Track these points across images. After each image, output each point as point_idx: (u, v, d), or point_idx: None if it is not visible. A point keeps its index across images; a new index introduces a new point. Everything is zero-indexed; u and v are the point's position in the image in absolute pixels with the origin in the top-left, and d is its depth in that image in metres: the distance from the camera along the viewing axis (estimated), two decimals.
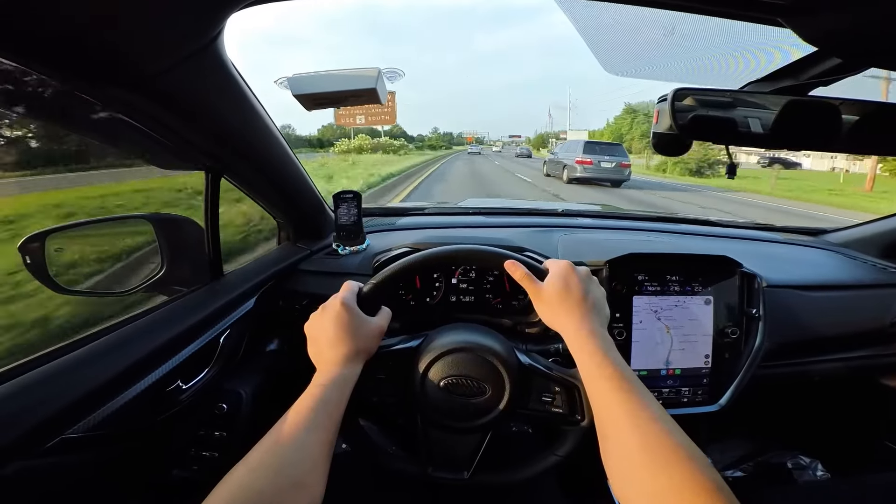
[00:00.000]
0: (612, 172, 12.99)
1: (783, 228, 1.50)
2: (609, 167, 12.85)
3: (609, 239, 1.20)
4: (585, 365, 0.56)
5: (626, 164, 13.17)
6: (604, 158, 12.78)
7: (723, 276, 0.95)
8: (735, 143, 0.74)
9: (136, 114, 0.59)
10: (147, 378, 0.63)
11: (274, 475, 0.45)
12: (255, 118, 0.74)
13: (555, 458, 0.68)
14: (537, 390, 0.66)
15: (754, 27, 0.57)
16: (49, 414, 0.51)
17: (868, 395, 1.30)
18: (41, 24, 0.41)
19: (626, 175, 13.27)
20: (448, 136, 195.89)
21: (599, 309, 0.62)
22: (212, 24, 0.50)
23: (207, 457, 0.79)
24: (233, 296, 0.83)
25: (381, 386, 0.67)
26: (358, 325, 0.61)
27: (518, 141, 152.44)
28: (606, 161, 12.78)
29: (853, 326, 1.08)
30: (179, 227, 0.86)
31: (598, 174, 12.90)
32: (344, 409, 0.55)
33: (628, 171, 13.32)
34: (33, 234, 0.69)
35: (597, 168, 12.78)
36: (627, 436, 0.48)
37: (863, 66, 0.60)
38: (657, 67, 0.74)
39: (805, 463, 1.34)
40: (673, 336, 0.93)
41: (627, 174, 13.33)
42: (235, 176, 0.85)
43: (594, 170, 12.78)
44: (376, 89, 0.67)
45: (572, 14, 0.58)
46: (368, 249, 1.09)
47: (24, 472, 0.48)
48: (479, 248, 0.67)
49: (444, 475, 0.69)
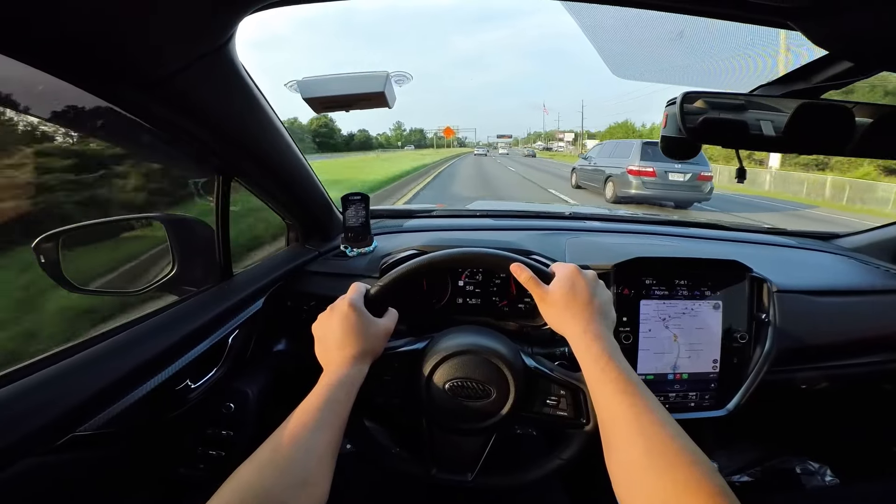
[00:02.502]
0: (686, 189, 8.34)
1: (795, 233, 1.48)
2: (681, 181, 8.22)
3: (617, 242, 1.19)
4: (590, 368, 0.56)
5: (706, 176, 8.34)
6: (673, 167, 8.10)
7: (732, 280, 0.95)
8: (744, 147, 0.74)
9: (148, 116, 0.60)
10: (157, 377, 0.64)
11: (280, 474, 0.46)
12: (265, 121, 0.75)
13: (559, 461, 0.68)
14: (542, 393, 0.66)
15: (764, 30, 0.57)
16: (62, 411, 0.52)
17: (878, 401, 1.28)
18: (53, 26, 0.42)
19: (707, 193, 8.49)
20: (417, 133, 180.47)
21: (605, 313, 0.62)
22: (224, 28, 0.51)
23: (214, 455, 0.80)
24: (242, 296, 0.84)
25: (387, 387, 0.67)
26: (365, 326, 0.61)
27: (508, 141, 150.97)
28: (677, 172, 8.12)
29: (865, 332, 1.06)
30: (190, 228, 0.87)
31: (665, 191, 8.32)
32: (350, 410, 0.56)
33: (710, 188, 8.49)
34: (47, 234, 0.71)
35: (663, 182, 8.22)
36: (631, 440, 0.48)
37: (874, 69, 0.59)
38: (666, 71, 0.74)
39: (813, 469, 1.32)
40: (681, 341, 0.93)
41: (709, 192, 8.50)
42: (246, 178, 0.86)
43: (659, 185, 8.23)
44: (384, 93, 0.67)
45: (580, 19, 0.58)
46: (376, 251, 1.10)
47: (37, 468, 0.49)
48: (485, 251, 0.68)
49: (448, 477, 0.69)
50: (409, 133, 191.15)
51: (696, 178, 8.21)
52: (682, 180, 8.20)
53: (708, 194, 8.49)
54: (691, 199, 8.62)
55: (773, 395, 1.03)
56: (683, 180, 8.20)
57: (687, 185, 8.27)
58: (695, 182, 8.25)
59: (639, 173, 8.26)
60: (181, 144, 0.69)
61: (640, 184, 8.25)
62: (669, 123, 0.73)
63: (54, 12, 0.40)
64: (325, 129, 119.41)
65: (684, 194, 8.39)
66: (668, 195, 8.36)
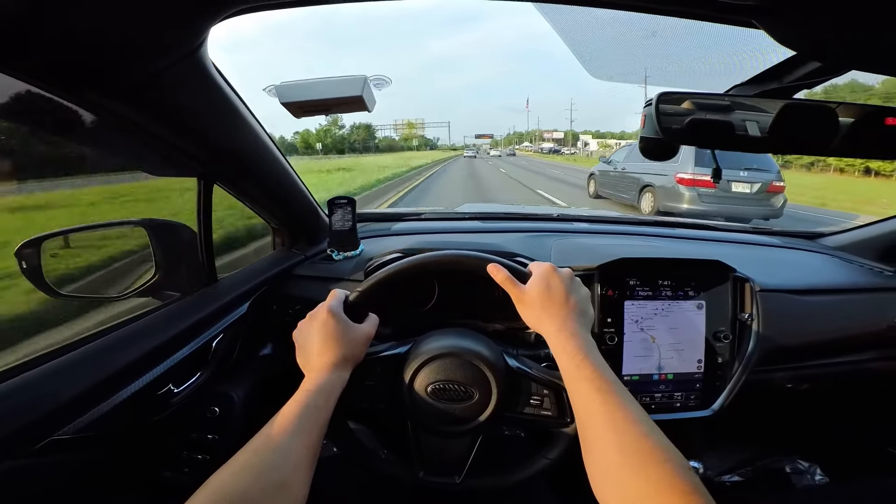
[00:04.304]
0: (752, 203, 6.26)
1: (779, 232, 1.49)
2: (747, 192, 6.19)
3: (602, 244, 1.20)
4: (565, 366, 0.56)
5: (778, 187, 6.32)
6: (738, 176, 6.14)
7: (715, 280, 0.95)
8: (721, 147, 0.74)
9: (124, 121, 0.61)
10: (138, 381, 0.64)
11: (255, 477, 0.46)
12: (243, 125, 0.75)
13: (545, 461, 0.68)
14: (526, 394, 0.67)
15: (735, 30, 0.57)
16: (40, 415, 0.52)
17: (866, 399, 1.28)
18: (25, 32, 0.42)
19: (779, 208, 6.43)
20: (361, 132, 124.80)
21: (582, 311, 0.62)
22: (195, 33, 0.51)
23: (199, 459, 0.80)
24: (226, 300, 0.84)
25: (370, 392, 0.67)
26: (344, 332, 0.61)
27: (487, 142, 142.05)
28: (743, 181, 6.15)
29: (850, 330, 1.07)
30: (174, 233, 0.87)
31: (727, 206, 6.21)
32: (330, 415, 0.56)
33: (782, 201, 6.44)
34: (29, 240, 0.71)
35: (725, 195, 6.21)
36: (605, 437, 0.49)
37: (843, 69, 0.60)
38: (641, 71, 0.74)
39: (803, 468, 1.33)
40: (665, 341, 0.93)
41: (781, 206, 6.44)
42: (228, 182, 0.86)
43: (720, 198, 6.22)
44: (363, 97, 0.68)
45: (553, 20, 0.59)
46: (363, 255, 1.10)
47: (13, 472, 0.49)
48: (462, 253, 0.68)
49: (435, 479, 0.69)
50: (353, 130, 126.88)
51: (765, 190, 6.21)
52: (749, 192, 6.18)
53: (780, 210, 6.40)
54: (758, 216, 6.20)
55: (759, 394, 1.04)
56: (750, 192, 6.18)
57: (754, 199, 6.23)
58: (763, 194, 6.23)
59: (692, 183, 6.19)
60: (161, 149, 0.69)
61: (695, 196, 6.21)
62: (647, 124, 0.73)
63: (23, 18, 0.40)
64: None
65: (751, 210, 6.22)
66: (730, 211, 6.15)
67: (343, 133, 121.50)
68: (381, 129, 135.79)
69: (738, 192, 6.19)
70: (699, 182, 6.14)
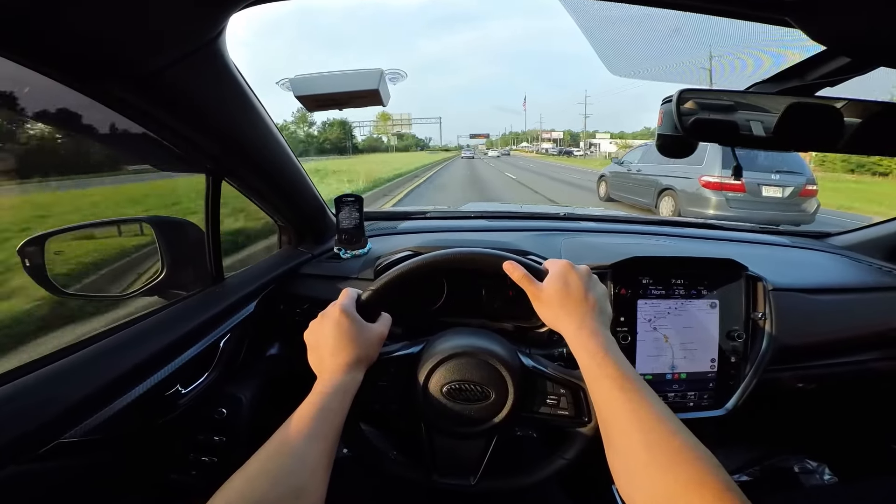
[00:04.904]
0: (784, 208, 5.83)
1: (788, 231, 1.49)
2: (779, 197, 5.79)
3: (612, 242, 1.19)
4: (586, 365, 0.55)
5: (811, 191, 5.92)
6: (769, 179, 5.76)
7: (728, 279, 0.94)
8: (740, 145, 0.73)
9: (136, 113, 0.59)
10: (146, 382, 0.62)
11: (273, 484, 0.44)
12: (256, 120, 0.74)
13: (562, 461, 0.67)
14: (542, 393, 0.66)
15: (761, 27, 0.56)
16: (46, 418, 0.50)
17: (875, 398, 1.28)
18: (41, 22, 0.40)
19: (812, 213, 5.99)
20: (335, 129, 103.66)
21: (601, 308, 0.61)
22: (213, 23, 0.50)
23: (206, 462, 0.78)
24: (233, 300, 0.83)
25: (383, 393, 0.66)
26: (358, 332, 0.60)
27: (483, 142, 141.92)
28: (774, 185, 5.76)
29: (860, 330, 1.07)
30: (180, 231, 0.85)
31: (756, 211, 5.75)
32: (345, 417, 0.55)
33: (815, 206, 6.02)
34: (32, 238, 0.69)
35: (754, 199, 5.78)
36: (631, 435, 0.48)
37: (872, 65, 0.59)
38: (662, 69, 0.73)
39: (812, 467, 1.33)
40: (678, 341, 0.92)
41: (814, 211, 6.00)
42: (237, 179, 0.84)
43: (749, 203, 5.78)
44: (378, 90, 0.66)
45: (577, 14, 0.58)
46: (370, 253, 1.08)
47: (19, 476, 0.48)
48: (478, 250, 0.67)
49: (449, 482, 0.68)
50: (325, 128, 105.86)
51: (797, 194, 5.81)
52: (780, 196, 5.77)
53: (812, 215, 5.95)
54: (790, 222, 5.55)
55: (770, 393, 1.03)
56: (781, 196, 5.77)
57: (785, 203, 5.80)
58: (796, 198, 5.82)
59: (720, 187, 5.76)
60: (171, 143, 0.67)
61: (722, 201, 5.77)
62: (665, 121, 0.72)
63: (42, 8, 0.39)
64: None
65: (782, 215, 5.71)
66: (759, 217, 5.62)
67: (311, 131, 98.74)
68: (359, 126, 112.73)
69: (769, 197, 5.80)
70: (727, 186, 5.74)
